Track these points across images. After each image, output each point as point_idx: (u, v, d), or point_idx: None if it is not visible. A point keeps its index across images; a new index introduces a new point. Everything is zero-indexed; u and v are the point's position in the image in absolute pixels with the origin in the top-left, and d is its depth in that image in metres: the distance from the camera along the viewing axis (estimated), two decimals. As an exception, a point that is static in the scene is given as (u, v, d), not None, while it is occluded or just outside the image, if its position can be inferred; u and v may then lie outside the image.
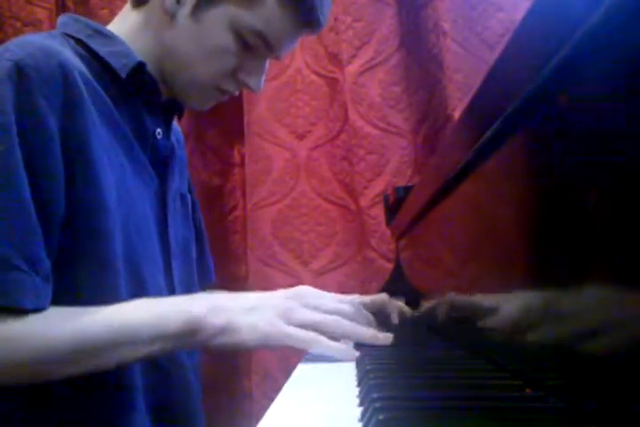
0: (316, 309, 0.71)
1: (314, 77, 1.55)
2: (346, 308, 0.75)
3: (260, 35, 0.79)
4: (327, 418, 0.44)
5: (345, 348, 0.69)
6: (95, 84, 0.72)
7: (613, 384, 0.33)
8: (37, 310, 0.62)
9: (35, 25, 1.59)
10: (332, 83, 1.54)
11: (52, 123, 0.65)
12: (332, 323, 0.70)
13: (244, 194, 1.60)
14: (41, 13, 1.59)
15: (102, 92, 0.73)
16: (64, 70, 0.67)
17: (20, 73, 0.64)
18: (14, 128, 0.62)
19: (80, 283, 0.68)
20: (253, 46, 0.80)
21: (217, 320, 0.65)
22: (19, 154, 0.62)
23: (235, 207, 1.65)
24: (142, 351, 0.64)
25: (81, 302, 0.66)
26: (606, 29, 0.32)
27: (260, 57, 0.83)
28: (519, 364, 0.50)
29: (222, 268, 1.61)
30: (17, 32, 1.59)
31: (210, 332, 0.65)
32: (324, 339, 0.68)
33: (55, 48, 0.69)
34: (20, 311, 0.61)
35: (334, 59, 1.53)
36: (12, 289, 0.60)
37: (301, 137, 1.55)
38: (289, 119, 1.55)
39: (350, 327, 0.71)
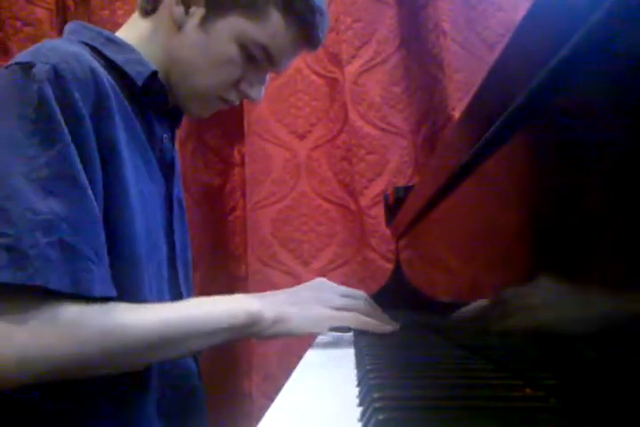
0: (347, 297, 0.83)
1: (314, 77, 1.55)
2: (364, 297, 0.86)
3: (264, 48, 0.82)
4: (327, 418, 0.44)
5: (383, 324, 0.81)
6: (117, 89, 0.74)
7: (613, 384, 0.33)
8: (107, 297, 0.65)
9: (35, 25, 1.59)
10: (332, 83, 1.54)
11: (89, 123, 0.67)
12: (362, 307, 0.82)
13: (244, 194, 1.60)
14: (41, 13, 1.59)
15: (122, 97, 0.75)
16: (94, 75, 0.69)
17: (58, 75, 0.66)
18: (65, 127, 0.64)
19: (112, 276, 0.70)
20: (256, 59, 0.83)
21: (270, 313, 0.74)
22: (75, 151, 0.65)
23: (235, 207, 1.65)
24: (211, 341, 0.72)
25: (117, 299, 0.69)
26: (606, 29, 0.32)
27: (262, 70, 0.86)
28: (519, 364, 0.50)
29: (222, 268, 1.61)
30: (17, 32, 1.59)
31: (266, 323, 0.74)
32: (363, 317, 0.79)
33: (83, 54, 0.71)
34: (90, 299, 0.63)
35: (334, 59, 1.53)
36: (84, 278, 0.62)
37: (301, 137, 1.55)
38: (289, 119, 1.55)
39: (375, 312, 0.83)
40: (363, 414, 0.41)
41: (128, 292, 0.70)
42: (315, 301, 0.78)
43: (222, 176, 1.65)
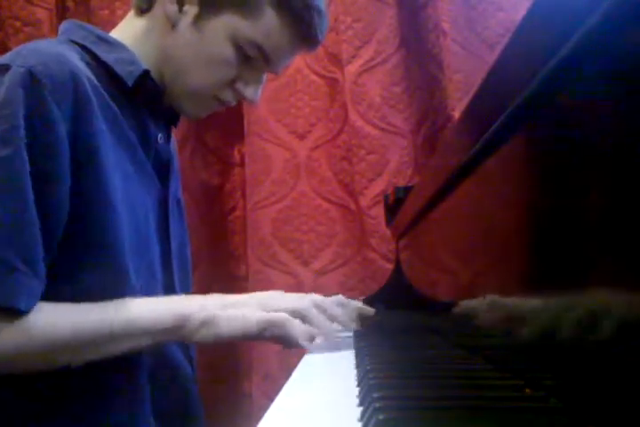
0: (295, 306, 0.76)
1: (314, 77, 1.55)
2: (323, 301, 0.80)
3: (258, 47, 0.80)
4: (327, 418, 0.44)
5: (314, 331, 0.74)
6: (102, 90, 0.73)
7: (613, 384, 0.33)
8: (29, 311, 0.64)
9: (35, 25, 1.59)
10: (332, 83, 1.54)
11: (62, 128, 0.66)
12: (304, 311, 0.75)
13: (244, 194, 1.60)
14: (41, 13, 1.59)
15: (108, 99, 0.74)
16: (74, 77, 0.68)
17: (33, 80, 0.65)
18: (22, 132, 0.64)
19: (90, 284, 0.70)
20: (252, 58, 0.81)
21: (199, 315, 0.71)
22: (25, 157, 0.64)
23: (235, 207, 1.65)
24: (136, 343, 0.70)
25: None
26: (606, 29, 0.32)
27: (258, 69, 0.84)
28: (519, 364, 0.50)
29: (222, 268, 1.61)
30: (17, 32, 1.59)
31: (194, 326, 0.71)
32: (296, 321, 0.73)
33: (65, 55, 0.70)
34: (14, 312, 0.63)
35: (334, 59, 1.53)
36: (11, 291, 0.62)
37: (301, 137, 1.55)
38: (289, 119, 1.55)
39: (317, 317, 0.76)
40: (363, 414, 0.41)
41: (110, 295, 0.70)
42: (253, 305, 0.74)
43: (222, 176, 1.65)
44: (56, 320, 0.66)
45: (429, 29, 1.44)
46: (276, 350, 1.45)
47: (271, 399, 0.50)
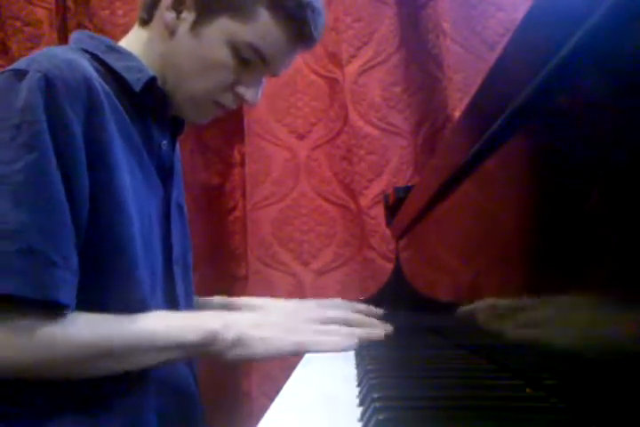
0: (315, 321, 0.79)
1: (314, 77, 1.55)
2: (342, 315, 0.83)
3: (255, 50, 0.81)
4: (327, 418, 0.44)
5: (345, 341, 0.75)
6: (112, 95, 0.75)
7: (613, 384, 0.33)
8: (69, 305, 0.65)
9: (35, 25, 1.58)
10: (332, 83, 1.54)
11: (77, 130, 0.68)
12: (331, 333, 0.77)
13: (244, 194, 1.60)
14: (41, 13, 1.59)
15: (118, 104, 0.76)
16: (87, 82, 0.70)
17: (49, 83, 0.67)
18: (47, 137, 0.65)
19: (104, 286, 0.71)
20: (250, 61, 0.82)
21: (229, 334, 0.71)
22: (53, 160, 0.65)
23: (235, 207, 1.65)
24: (162, 358, 0.70)
25: (108, 306, 0.70)
26: (606, 29, 0.32)
27: (257, 71, 0.85)
28: (520, 364, 0.50)
29: (222, 268, 1.61)
30: (17, 32, 1.59)
31: (223, 344, 0.71)
32: (328, 339, 0.74)
33: (78, 61, 0.72)
34: (56, 306, 0.64)
35: (334, 59, 1.53)
36: (51, 284, 0.63)
37: (301, 137, 1.55)
38: (289, 119, 1.55)
39: (347, 333, 0.77)
40: (363, 414, 0.41)
41: (125, 294, 0.71)
42: (280, 327, 0.75)
43: (222, 176, 1.65)
44: (92, 326, 0.67)
45: (429, 29, 1.44)
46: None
47: (271, 399, 0.50)
